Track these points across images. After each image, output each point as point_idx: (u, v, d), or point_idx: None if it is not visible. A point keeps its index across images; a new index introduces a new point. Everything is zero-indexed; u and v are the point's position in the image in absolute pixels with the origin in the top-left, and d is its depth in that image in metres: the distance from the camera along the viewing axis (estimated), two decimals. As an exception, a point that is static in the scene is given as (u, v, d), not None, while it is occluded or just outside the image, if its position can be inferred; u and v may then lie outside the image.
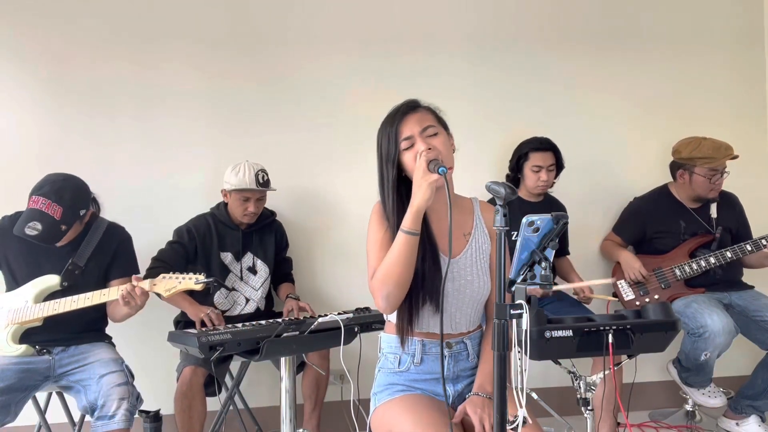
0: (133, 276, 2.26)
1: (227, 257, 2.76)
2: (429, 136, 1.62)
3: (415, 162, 1.58)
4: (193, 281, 2.22)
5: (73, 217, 2.26)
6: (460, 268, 1.69)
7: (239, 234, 2.79)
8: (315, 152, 3.18)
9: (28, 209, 2.21)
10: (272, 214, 2.94)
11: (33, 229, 2.17)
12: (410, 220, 1.56)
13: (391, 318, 1.72)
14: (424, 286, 1.62)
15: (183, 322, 2.73)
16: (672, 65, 3.47)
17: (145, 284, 2.23)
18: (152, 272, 2.57)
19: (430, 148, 1.58)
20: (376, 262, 1.63)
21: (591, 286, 2.83)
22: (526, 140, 2.99)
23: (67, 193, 2.24)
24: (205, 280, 2.22)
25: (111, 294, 2.23)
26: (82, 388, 2.23)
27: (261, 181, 2.74)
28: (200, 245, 2.72)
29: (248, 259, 2.81)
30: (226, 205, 2.81)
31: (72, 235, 2.37)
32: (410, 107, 1.66)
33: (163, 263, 2.62)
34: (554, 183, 3.02)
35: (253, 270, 2.82)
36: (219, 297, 2.74)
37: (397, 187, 1.65)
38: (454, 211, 1.68)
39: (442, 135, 1.65)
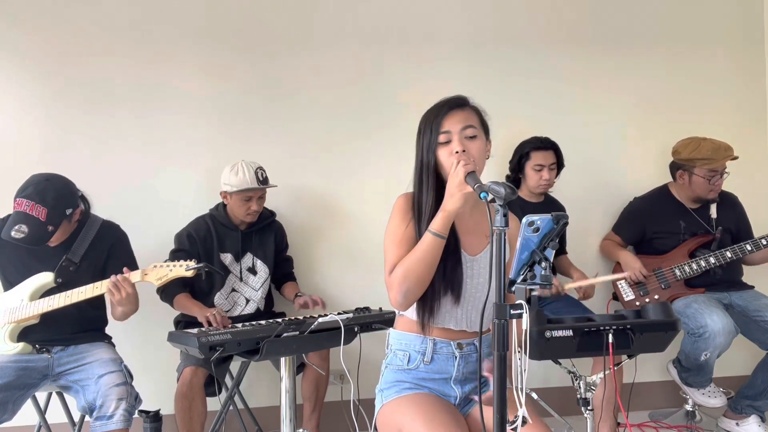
0: (125, 268, 2.26)
1: (227, 258, 2.76)
2: (467, 137, 1.64)
3: (448, 158, 1.60)
4: (184, 268, 2.23)
5: (59, 218, 2.24)
6: (480, 266, 1.70)
7: (239, 235, 2.79)
8: (315, 152, 3.17)
9: (14, 212, 2.20)
10: (272, 214, 2.93)
11: (19, 232, 2.16)
12: (440, 223, 1.57)
13: (406, 314, 1.72)
14: (445, 278, 1.64)
15: (183, 322, 2.73)
16: (672, 65, 3.47)
17: (136, 275, 2.23)
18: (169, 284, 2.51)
19: (464, 150, 1.59)
20: (396, 257, 1.63)
21: (597, 282, 2.82)
22: (527, 140, 2.99)
23: (51, 194, 2.22)
24: (196, 266, 2.23)
25: (103, 287, 2.23)
26: (81, 388, 2.23)
27: (261, 178, 2.74)
28: (201, 248, 2.72)
29: (248, 259, 2.81)
30: (225, 206, 2.81)
31: (64, 235, 2.36)
32: (457, 103, 1.69)
33: None
34: (554, 182, 3.02)
35: (252, 270, 2.82)
36: (219, 298, 2.74)
37: (435, 176, 1.66)
38: (475, 212, 1.71)
39: (480, 140, 1.67)
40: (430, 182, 1.66)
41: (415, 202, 1.69)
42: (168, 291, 2.63)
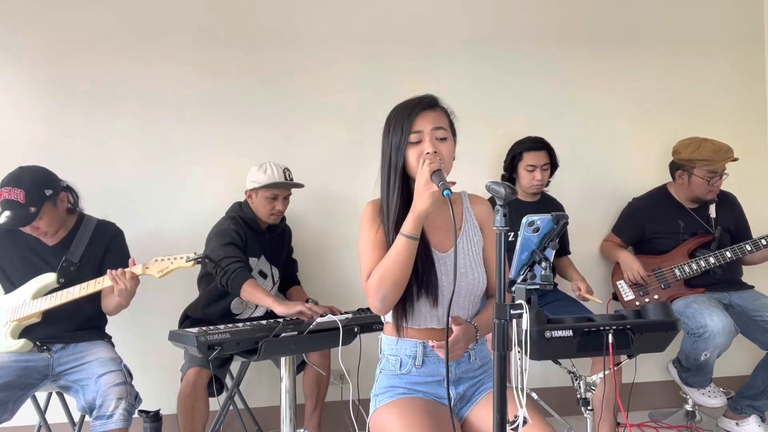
0: (130, 260, 2.28)
1: (252, 261, 2.70)
2: (438, 138, 1.63)
3: (418, 160, 1.59)
4: (185, 259, 2.23)
5: (38, 197, 2.26)
6: (453, 261, 1.68)
7: (262, 238, 2.75)
8: (317, 152, 3.17)
9: None
10: (284, 219, 2.91)
11: (4, 217, 2.21)
12: (411, 224, 1.56)
13: (390, 319, 1.71)
14: (418, 280, 1.63)
15: (191, 319, 2.70)
16: (672, 65, 3.47)
17: (138, 268, 2.25)
18: (238, 271, 2.43)
19: (435, 152, 1.59)
20: (371, 263, 1.63)
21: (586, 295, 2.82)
22: (520, 140, 2.99)
23: (25, 176, 2.27)
24: (195, 257, 2.23)
25: (105, 281, 2.24)
26: (81, 388, 2.24)
27: (288, 177, 2.73)
28: (241, 244, 2.65)
29: (262, 263, 2.76)
30: (248, 206, 2.75)
31: (62, 234, 2.39)
32: (429, 104, 1.67)
33: (238, 258, 2.49)
34: (549, 182, 3.02)
35: (264, 274, 2.77)
36: (236, 301, 2.68)
37: (402, 178, 1.65)
38: (444, 209, 1.67)
39: (449, 142, 1.66)
40: (398, 183, 1.65)
41: (382, 205, 1.68)
42: (235, 280, 2.42)
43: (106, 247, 2.44)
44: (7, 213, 2.22)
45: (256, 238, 2.72)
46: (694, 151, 2.94)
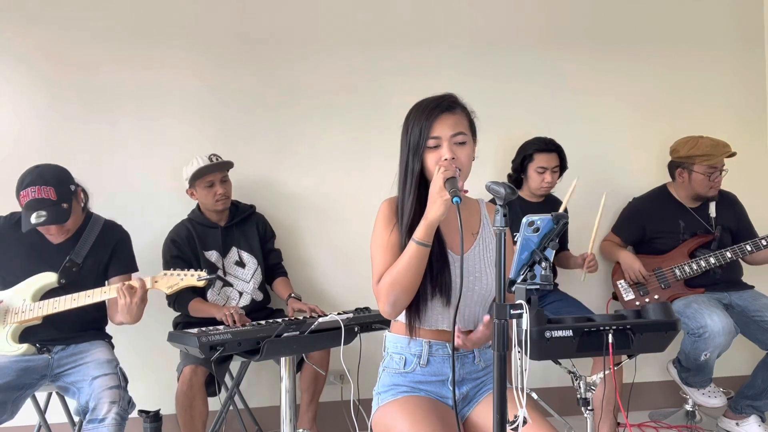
0: (133, 276, 2.25)
1: (212, 255, 2.78)
2: (457, 143, 1.63)
3: (435, 164, 1.59)
4: (195, 278, 2.23)
5: (67, 194, 2.25)
6: (469, 264, 1.68)
7: (218, 231, 2.81)
8: (314, 153, 3.18)
9: (25, 204, 2.21)
10: (251, 207, 2.95)
11: (39, 216, 2.17)
12: (423, 231, 1.55)
13: (399, 317, 1.71)
14: (432, 280, 1.63)
15: (182, 323, 2.73)
16: (672, 65, 3.46)
17: (147, 281, 2.22)
18: (180, 295, 2.60)
19: (453, 158, 1.59)
20: (383, 265, 1.63)
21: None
22: (531, 141, 2.98)
23: (48, 173, 2.25)
24: (207, 276, 2.24)
25: (111, 292, 2.23)
26: (77, 390, 2.22)
27: (215, 161, 2.78)
28: (188, 250, 2.75)
29: (234, 254, 2.83)
30: (199, 207, 2.84)
31: (70, 232, 2.37)
32: (448, 106, 1.66)
33: None
34: (556, 183, 3.02)
35: (240, 264, 2.83)
36: (212, 295, 2.74)
37: (419, 182, 1.65)
38: (461, 211, 1.67)
39: (469, 145, 1.66)
40: (414, 185, 1.64)
41: (398, 206, 1.68)
42: (180, 300, 2.67)
43: (111, 251, 2.42)
44: (41, 212, 2.17)
45: (213, 233, 2.80)
46: (692, 147, 2.95)
